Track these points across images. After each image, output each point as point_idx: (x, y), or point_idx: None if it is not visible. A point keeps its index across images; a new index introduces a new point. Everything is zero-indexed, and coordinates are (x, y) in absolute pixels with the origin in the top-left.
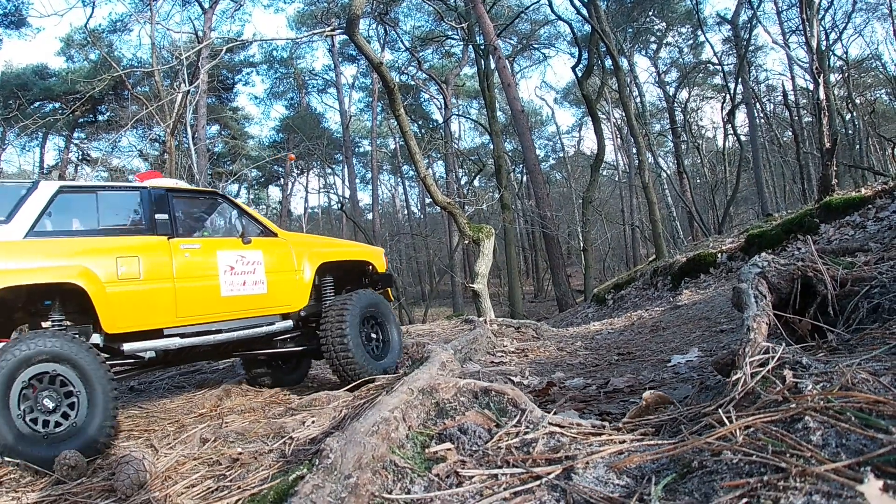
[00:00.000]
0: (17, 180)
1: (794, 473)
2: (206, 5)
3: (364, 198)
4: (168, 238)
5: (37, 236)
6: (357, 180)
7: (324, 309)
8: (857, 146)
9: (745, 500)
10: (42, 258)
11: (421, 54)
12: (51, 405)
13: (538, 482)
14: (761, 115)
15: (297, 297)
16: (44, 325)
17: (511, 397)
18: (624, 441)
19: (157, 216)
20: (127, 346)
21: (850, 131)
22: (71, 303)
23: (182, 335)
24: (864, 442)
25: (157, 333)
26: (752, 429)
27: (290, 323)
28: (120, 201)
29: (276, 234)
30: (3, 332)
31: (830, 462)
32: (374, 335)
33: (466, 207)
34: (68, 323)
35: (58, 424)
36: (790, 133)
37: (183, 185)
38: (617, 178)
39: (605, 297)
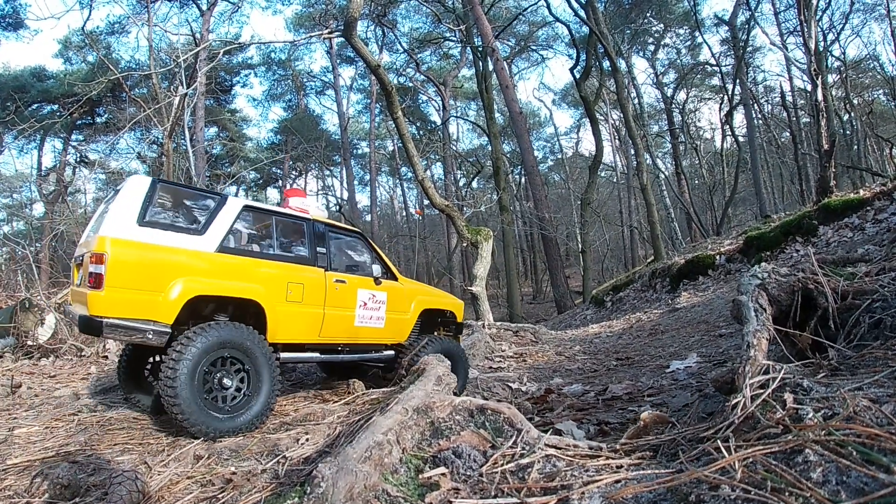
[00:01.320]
0: (205, 190)
1: None
2: (204, 7)
3: (362, 199)
4: (325, 271)
5: (225, 251)
6: (355, 182)
7: (408, 344)
8: (856, 147)
9: None
10: (231, 275)
11: (419, 56)
12: (229, 384)
13: None
14: (759, 116)
15: (403, 333)
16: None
17: (507, 416)
18: (621, 466)
19: (318, 249)
20: (283, 355)
21: (848, 132)
22: (234, 311)
23: (321, 351)
24: (865, 480)
25: (301, 347)
26: (750, 460)
27: (392, 352)
28: (289, 229)
29: (396, 279)
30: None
31: (830, 503)
32: None
33: (465, 209)
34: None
35: (232, 401)
36: (788, 134)
37: (331, 220)
38: (615, 180)
39: (603, 298)
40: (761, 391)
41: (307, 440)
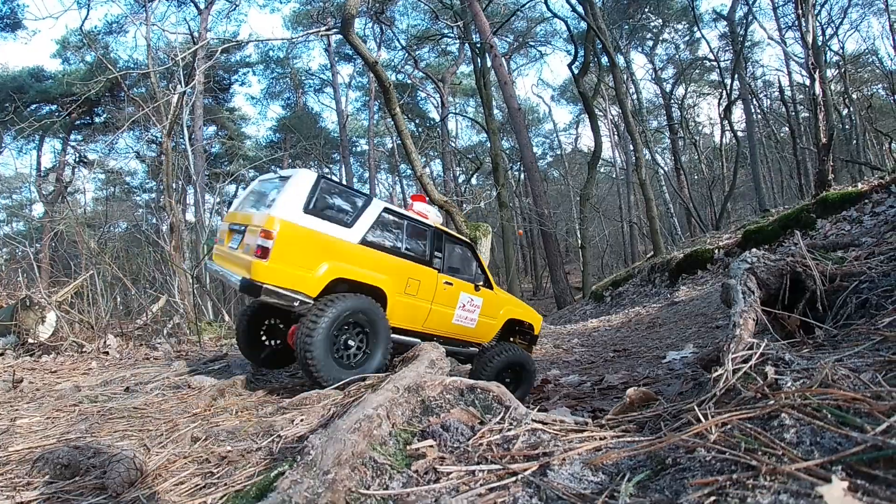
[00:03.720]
0: (357, 190)
1: (765, 472)
2: (202, 6)
3: None
4: (438, 272)
5: (365, 244)
6: (355, 179)
7: (486, 347)
8: (854, 141)
9: (713, 498)
10: (367, 264)
11: (417, 53)
12: (352, 345)
13: (514, 479)
14: (758, 111)
15: (488, 336)
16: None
17: (496, 395)
18: (604, 438)
19: (435, 253)
20: (394, 336)
21: (847, 126)
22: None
23: (420, 338)
24: (839, 440)
25: (408, 333)
26: (728, 426)
27: (476, 350)
28: (415, 232)
29: (492, 288)
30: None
31: (802, 461)
32: (508, 380)
33: (464, 206)
34: None
35: (354, 357)
36: (787, 129)
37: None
38: (614, 175)
39: (603, 294)
40: (743, 365)
41: (301, 421)
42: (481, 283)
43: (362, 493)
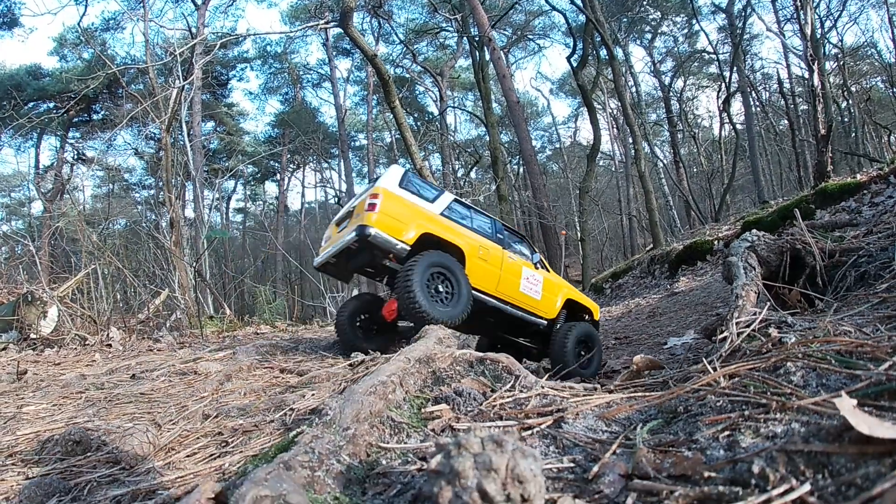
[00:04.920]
0: (432, 184)
1: (775, 408)
2: (199, 1)
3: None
4: (502, 248)
5: (444, 217)
6: (354, 174)
7: (558, 327)
8: (853, 134)
9: (727, 432)
10: (448, 230)
11: (415, 47)
12: (441, 289)
13: (530, 432)
14: (757, 103)
15: (552, 310)
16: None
17: (506, 365)
18: (614, 398)
19: (498, 234)
20: (475, 294)
21: (845, 119)
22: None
23: (496, 299)
24: (844, 381)
25: (485, 294)
26: (736, 377)
27: (545, 322)
28: (481, 218)
29: (548, 270)
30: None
31: (810, 398)
32: (583, 352)
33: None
34: None
35: (445, 300)
36: (786, 121)
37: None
38: (613, 168)
39: (603, 286)
40: (747, 329)
41: (313, 395)
42: (538, 262)
43: (382, 446)
